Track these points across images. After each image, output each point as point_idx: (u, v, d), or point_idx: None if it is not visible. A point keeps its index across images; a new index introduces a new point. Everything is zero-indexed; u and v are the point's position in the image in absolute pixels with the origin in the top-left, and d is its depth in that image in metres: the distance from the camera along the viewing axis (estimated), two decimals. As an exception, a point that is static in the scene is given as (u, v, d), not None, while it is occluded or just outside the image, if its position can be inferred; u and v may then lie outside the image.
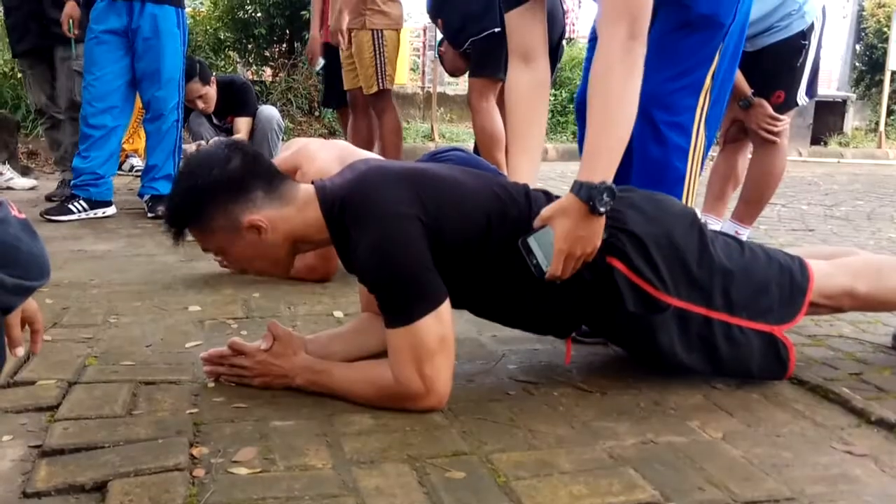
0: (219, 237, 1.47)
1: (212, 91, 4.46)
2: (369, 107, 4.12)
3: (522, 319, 1.61)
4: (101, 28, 3.60)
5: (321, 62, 4.39)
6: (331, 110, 7.65)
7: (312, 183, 1.51)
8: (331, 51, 4.15)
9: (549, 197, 1.56)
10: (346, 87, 4.07)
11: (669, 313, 1.50)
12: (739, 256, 1.58)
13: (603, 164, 1.43)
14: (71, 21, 3.76)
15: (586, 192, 1.40)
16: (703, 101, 1.78)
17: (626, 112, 1.46)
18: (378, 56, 3.80)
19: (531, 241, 1.46)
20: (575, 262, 1.45)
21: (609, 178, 1.42)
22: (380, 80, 3.82)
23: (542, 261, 1.45)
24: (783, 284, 1.57)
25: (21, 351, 1.08)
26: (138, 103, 3.95)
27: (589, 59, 1.81)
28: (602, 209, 1.40)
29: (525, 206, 1.51)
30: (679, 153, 1.76)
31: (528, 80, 1.75)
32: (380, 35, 3.79)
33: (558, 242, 1.42)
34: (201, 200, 1.43)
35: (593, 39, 1.85)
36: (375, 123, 4.23)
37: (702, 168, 1.84)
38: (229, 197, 1.43)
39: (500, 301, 1.56)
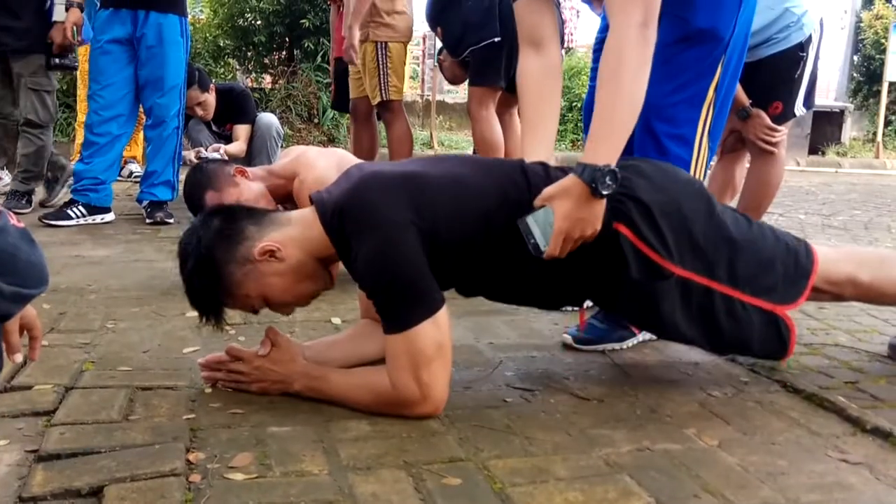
0: (249, 287, 1.46)
1: (211, 98, 4.47)
2: (371, 118, 4.14)
3: (535, 296, 1.61)
4: (105, 38, 3.60)
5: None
6: (331, 117, 7.69)
7: (310, 197, 1.51)
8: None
9: (547, 170, 1.55)
10: (351, 96, 4.11)
11: (672, 282, 1.50)
12: (747, 230, 1.58)
13: (608, 147, 1.43)
14: (74, 28, 3.75)
15: (589, 174, 1.40)
16: (707, 114, 1.77)
17: (635, 97, 1.45)
18: (381, 67, 3.82)
19: (529, 220, 1.44)
20: (573, 243, 1.44)
21: (613, 162, 1.41)
22: (382, 91, 3.84)
23: (541, 240, 1.43)
24: (788, 264, 1.57)
25: (19, 357, 1.09)
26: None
27: (595, 70, 1.79)
28: (604, 192, 1.39)
29: (523, 183, 1.50)
30: (681, 165, 1.75)
31: (540, 65, 1.73)
32: (384, 47, 3.82)
33: (558, 222, 1.41)
34: (209, 267, 1.44)
35: (598, 51, 1.84)
36: (378, 134, 4.24)
37: (704, 178, 1.85)
38: (228, 246, 1.44)
39: (510, 281, 1.55)
